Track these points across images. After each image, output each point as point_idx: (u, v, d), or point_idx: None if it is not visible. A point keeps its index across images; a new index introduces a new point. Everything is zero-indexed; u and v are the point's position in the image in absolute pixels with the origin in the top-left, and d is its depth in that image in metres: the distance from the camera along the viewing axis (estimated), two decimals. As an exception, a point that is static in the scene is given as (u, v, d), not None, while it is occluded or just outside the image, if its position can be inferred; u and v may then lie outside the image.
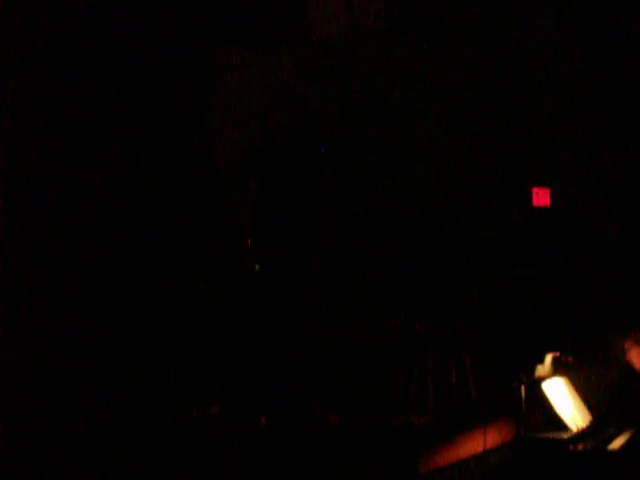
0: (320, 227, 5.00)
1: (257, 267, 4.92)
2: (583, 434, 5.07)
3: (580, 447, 4.85)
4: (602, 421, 5.39)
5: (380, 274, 7.03)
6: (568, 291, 7.52)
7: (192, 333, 5.49)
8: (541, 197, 8.27)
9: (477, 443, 5.03)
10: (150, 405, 4.84)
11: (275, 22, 7.36)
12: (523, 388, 5.11)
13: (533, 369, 5.55)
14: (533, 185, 8.23)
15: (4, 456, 4.03)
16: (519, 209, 8.11)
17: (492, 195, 7.23)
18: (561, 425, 5.13)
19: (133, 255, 5.30)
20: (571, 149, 8.14)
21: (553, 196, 8.25)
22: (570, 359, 5.72)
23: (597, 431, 5.20)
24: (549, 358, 5.63)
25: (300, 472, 4.13)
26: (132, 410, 4.69)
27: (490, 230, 7.28)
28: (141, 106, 7.60)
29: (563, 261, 7.79)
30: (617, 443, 4.98)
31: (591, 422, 5.31)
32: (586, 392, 5.50)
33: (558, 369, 5.57)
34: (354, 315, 6.80)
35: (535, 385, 5.32)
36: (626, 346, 5.73)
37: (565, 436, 4.99)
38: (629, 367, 5.70)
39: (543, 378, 5.41)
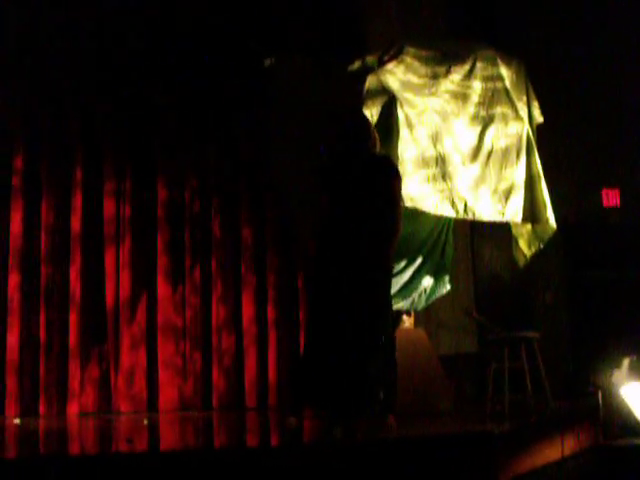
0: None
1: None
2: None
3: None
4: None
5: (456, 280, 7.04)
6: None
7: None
8: (611, 198, 8.19)
9: (555, 450, 4.99)
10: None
11: (334, 36, 7.45)
12: (600, 394, 5.05)
13: (610, 374, 5.48)
14: (603, 186, 8.17)
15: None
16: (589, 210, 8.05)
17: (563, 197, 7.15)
18: (641, 431, 5.06)
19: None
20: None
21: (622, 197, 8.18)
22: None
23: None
24: (626, 362, 5.56)
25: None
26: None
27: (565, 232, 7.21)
28: (210, 117, 7.80)
29: (634, 262, 7.68)
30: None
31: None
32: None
33: (636, 373, 5.49)
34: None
35: (613, 390, 5.26)
36: None
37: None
38: None
39: (621, 383, 5.33)
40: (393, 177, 4.98)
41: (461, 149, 6.19)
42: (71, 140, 7.61)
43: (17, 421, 6.55)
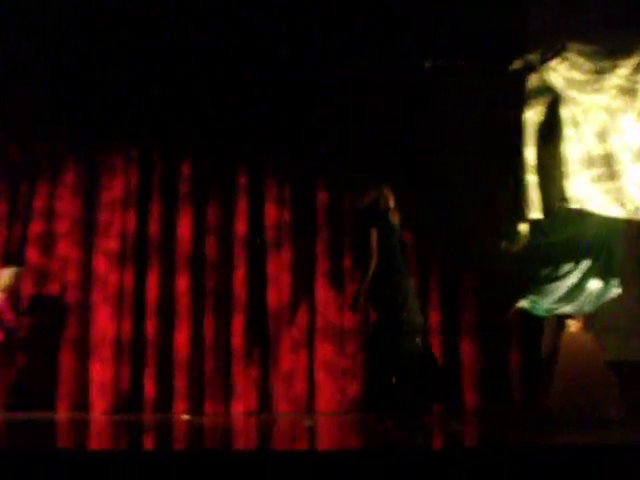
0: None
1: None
2: None
3: None
4: None
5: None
6: None
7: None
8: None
9: None
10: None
11: (492, 36, 7.31)
12: None
13: None
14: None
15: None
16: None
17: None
18: None
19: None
20: None
21: None
22: None
23: None
24: None
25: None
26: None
27: None
28: (370, 121, 7.83)
29: None
30: None
31: None
32: None
33: None
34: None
35: None
36: None
37: None
38: None
39: None
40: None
41: (630, 147, 5.92)
42: (236, 147, 7.88)
43: (185, 417, 6.81)
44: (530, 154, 5.92)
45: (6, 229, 7.85)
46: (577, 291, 6.17)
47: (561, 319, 6.23)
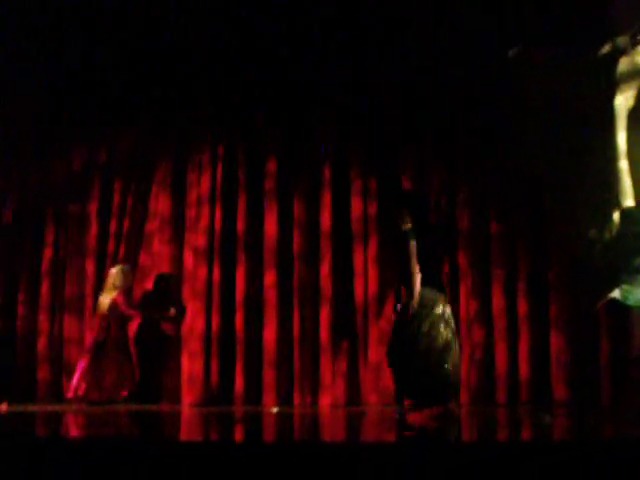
0: None
1: None
2: None
3: None
4: None
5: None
6: None
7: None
8: None
9: None
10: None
11: (576, 20, 7.12)
12: None
13: None
14: None
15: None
16: None
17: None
18: None
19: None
20: None
21: None
22: None
23: None
24: None
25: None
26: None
27: None
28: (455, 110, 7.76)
29: None
30: None
31: None
32: None
33: None
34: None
35: None
36: None
37: None
38: None
39: None
40: None
41: None
42: (319, 140, 7.92)
43: (274, 410, 6.88)
44: (622, 140, 5.78)
45: (108, 227, 8.10)
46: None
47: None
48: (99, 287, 7.88)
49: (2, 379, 7.86)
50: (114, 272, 7.64)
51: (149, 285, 8.00)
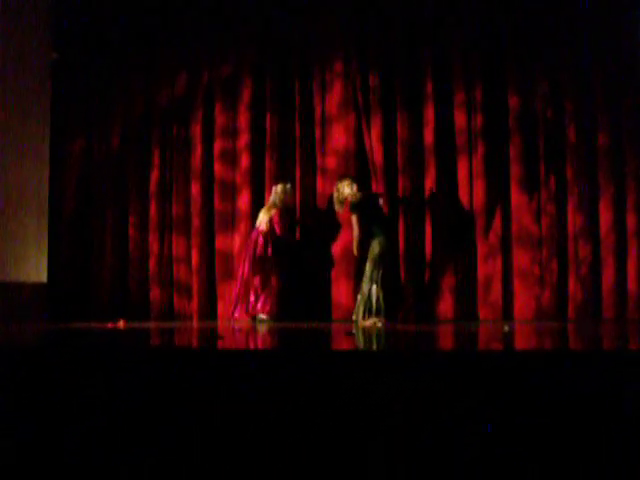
0: None
1: None
2: None
3: None
4: None
5: None
6: None
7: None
8: None
9: None
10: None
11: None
12: None
13: None
14: None
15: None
16: None
17: None
18: None
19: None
20: None
21: None
22: None
23: None
24: None
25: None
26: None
27: None
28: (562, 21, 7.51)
29: None
30: None
31: None
32: None
33: None
34: None
35: None
36: None
37: None
38: None
39: None
40: None
41: None
42: (422, 53, 7.78)
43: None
44: None
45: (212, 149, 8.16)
46: None
47: None
48: (205, 207, 8.03)
49: (118, 299, 8.15)
50: (278, 190, 7.59)
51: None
